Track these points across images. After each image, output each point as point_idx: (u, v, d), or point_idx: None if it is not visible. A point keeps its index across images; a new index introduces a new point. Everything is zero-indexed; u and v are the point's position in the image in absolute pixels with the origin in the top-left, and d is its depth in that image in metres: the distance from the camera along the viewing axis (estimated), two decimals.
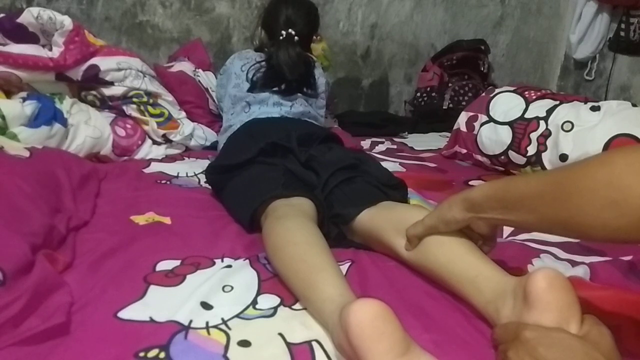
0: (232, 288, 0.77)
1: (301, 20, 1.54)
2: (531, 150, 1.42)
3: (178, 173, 1.37)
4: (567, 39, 2.88)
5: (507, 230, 1.10)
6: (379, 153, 1.74)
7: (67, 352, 0.60)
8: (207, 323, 0.67)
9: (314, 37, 1.68)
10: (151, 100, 1.54)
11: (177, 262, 0.85)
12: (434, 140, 2.01)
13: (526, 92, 1.56)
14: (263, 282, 0.80)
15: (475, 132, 1.60)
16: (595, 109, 1.36)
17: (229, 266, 0.84)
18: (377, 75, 2.52)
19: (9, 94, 1.34)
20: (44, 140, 1.26)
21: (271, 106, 1.42)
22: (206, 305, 0.72)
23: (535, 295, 0.61)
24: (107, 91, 1.49)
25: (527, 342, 0.54)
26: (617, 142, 1.24)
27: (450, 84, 2.42)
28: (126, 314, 0.69)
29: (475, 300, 0.71)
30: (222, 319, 0.69)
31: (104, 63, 1.46)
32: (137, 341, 0.62)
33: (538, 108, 1.47)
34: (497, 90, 1.67)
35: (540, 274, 0.62)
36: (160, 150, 1.55)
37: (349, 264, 0.88)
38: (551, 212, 0.62)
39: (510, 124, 1.50)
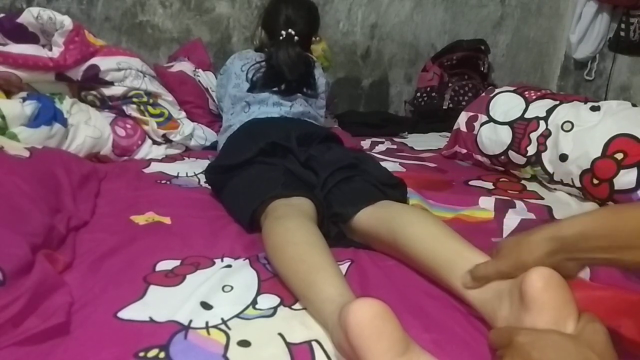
0: (232, 288, 0.77)
1: (301, 19, 1.54)
2: (531, 150, 1.42)
3: (178, 173, 1.37)
4: (567, 39, 2.87)
5: (506, 230, 1.10)
6: (379, 153, 1.74)
7: (67, 352, 0.60)
8: (207, 323, 0.67)
9: (314, 39, 1.68)
10: (151, 100, 1.54)
11: (177, 262, 0.85)
12: (434, 140, 2.01)
13: (526, 92, 1.56)
14: (263, 282, 0.80)
15: (475, 132, 1.60)
16: (595, 109, 1.36)
17: (229, 266, 0.84)
18: (377, 75, 2.52)
19: (9, 94, 1.34)
20: (44, 140, 1.26)
21: (271, 106, 1.42)
22: (206, 305, 0.72)
23: (531, 295, 0.61)
24: (107, 91, 1.49)
25: (520, 347, 0.54)
26: (617, 142, 1.24)
27: (450, 84, 2.42)
28: (126, 314, 0.69)
29: (472, 300, 0.71)
30: (222, 319, 0.69)
31: (104, 63, 1.46)
32: (137, 341, 0.63)
33: (538, 108, 1.47)
34: (497, 90, 1.67)
35: (536, 273, 0.62)
36: (160, 150, 1.55)
37: (348, 263, 0.88)
38: None
39: (510, 124, 1.50)
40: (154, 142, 1.56)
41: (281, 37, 1.49)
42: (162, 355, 0.61)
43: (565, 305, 0.60)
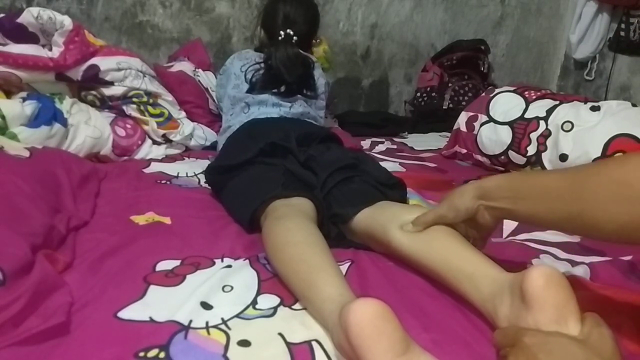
0: (232, 288, 0.77)
1: (300, 18, 1.54)
2: (531, 150, 1.42)
3: (178, 173, 1.37)
4: (567, 39, 2.88)
5: (507, 230, 1.10)
6: (379, 153, 1.74)
7: (67, 352, 0.60)
8: (207, 323, 0.67)
9: (315, 40, 1.67)
10: (151, 100, 1.54)
11: (177, 262, 0.85)
12: (434, 140, 2.01)
13: (526, 92, 1.56)
14: (263, 282, 0.80)
15: (475, 132, 1.60)
16: (595, 109, 1.36)
17: (229, 266, 0.84)
18: (377, 75, 2.52)
19: (9, 94, 1.34)
20: (44, 140, 1.26)
21: (270, 107, 1.42)
22: (206, 305, 0.72)
23: (532, 294, 0.61)
24: (107, 91, 1.49)
25: (527, 348, 0.54)
26: (617, 142, 1.24)
27: (450, 84, 2.42)
28: (126, 314, 0.69)
29: (473, 298, 0.71)
30: (222, 318, 0.69)
31: (104, 63, 1.46)
32: (137, 341, 0.63)
33: (538, 108, 1.47)
34: (497, 90, 1.67)
35: (536, 271, 0.62)
36: (160, 150, 1.55)
37: (348, 263, 0.88)
38: (562, 205, 0.64)
39: (510, 124, 1.50)
40: (154, 142, 1.56)
41: (280, 38, 1.49)
42: (162, 355, 0.61)
43: (566, 304, 0.60)
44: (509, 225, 1.11)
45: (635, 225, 0.57)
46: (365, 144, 1.88)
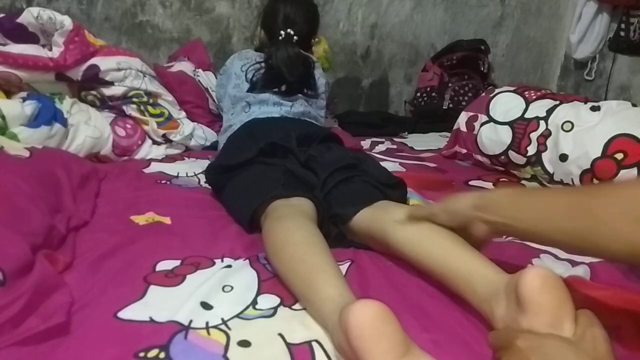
0: (232, 288, 0.77)
1: (300, 18, 1.54)
2: (531, 150, 1.42)
3: (178, 173, 1.37)
4: (567, 39, 2.87)
5: None
6: (379, 153, 1.74)
7: (67, 352, 0.60)
8: (207, 323, 0.67)
9: (313, 40, 1.67)
10: (151, 100, 1.54)
11: (177, 262, 0.85)
12: (434, 140, 2.01)
13: (526, 92, 1.56)
14: (263, 282, 0.80)
15: (475, 132, 1.60)
16: (595, 109, 1.36)
17: (229, 266, 0.84)
18: (377, 75, 2.52)
19: (9, 94, 1.34)
20: (44, 140, 1.26)
21: (271, 106, 1.42)
22: (206, 305, 0.72)
23: (527, 297, 0.60)
24: (107, 91, 1.49)
25: (520, 351, 0.54)
26: (617, 142, 1.24)
27: (450, 84, 2.42)
28: (126, 314, 0.69)
29: (470, 299, 0.71)
30: (222, 319, 0.69)
31: (104, 63, 1.46)
32: (137, 341, 0.63)
33: (538, 108, 1.47)
34: (497, 90, 1.67)
35: (531, 273, 0.61)
36: (160, 150, 1.55)
37: (348, 263, 0.88)
38: (568, 221, 0.63)
39: (510, 124, 1.50)
40: (154, 142, 1.56)
41: (280, 37, 1.49)
42: (162, 355, 0.61)
43: (561, 306, 0.60)
44: None
45: None
46: (365, 144, 1.88)
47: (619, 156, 1.22)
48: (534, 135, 1.42)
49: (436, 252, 0.78)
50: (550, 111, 1.42)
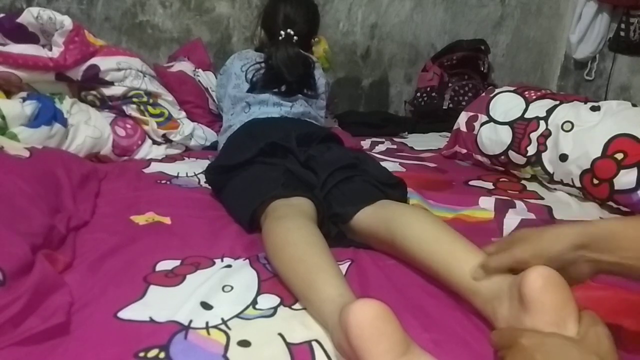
0: (232, 288, 0.77)
1: (300, 18, 1.54)
2: (531, 150, 1.42)
3: (178, 173, 1.37)
4: (567, 39, 2.87)
5: (506, 230, 1.10)
6: (379, 153, 1.74)
7: (67, 352, 0.60)
8: (207, 323, 0.67)
9: (313, 39, 1.67)
10: (151, 100, 1.54)
11: (177, 262, 0.85)
12: (434, 140, 2.01)
13: (526, 92, 1.56)
14: (263, 282, 0.80)
15: (475, 132, 1.60)
16: (595, 109, 1.36)
17: (229, 266, 0.84)
18: (377, 75, 2.52)
19: (9, 94, 1.34)
20: (44, 140, 1.26)
21: (271, 106, 1.42)
22: (206, 305, 0.72)
23: (531, 296, 0.60)
24: (107, 91, 1.49)
25: (524, 349, 0.54)
26: (617, 142, 1.24)
27: (450, 84, 2.42)
28: (126, 314, 0.69)
29: (473, 300, 0.71)
30: (222, 319, 0.69)
31: (104, 63, 1.46)
32: (137, 341, 0.63)
33: (538, 108, 1.47)
34: (497, 90, 1.67)
35: (534, 273, 0.61)
36: (160, 150, 1.55)
37: (348, 263, 0.88)
38: None
39: (510, 124, 1.50)
40: (154, 142, 1.56)
41: (280, 37, 1.49)
42: (162, 355, 0.61)
43: (564, 305, 0.60)
44: (509, 225, 1.11)
45: None
46: (365, 144, 1.88)
47: (619, 156, 1.22)
48: (534, 135, 1.42)
49: (441, 253, 0.78)
50: (550, 111, 1.42)
